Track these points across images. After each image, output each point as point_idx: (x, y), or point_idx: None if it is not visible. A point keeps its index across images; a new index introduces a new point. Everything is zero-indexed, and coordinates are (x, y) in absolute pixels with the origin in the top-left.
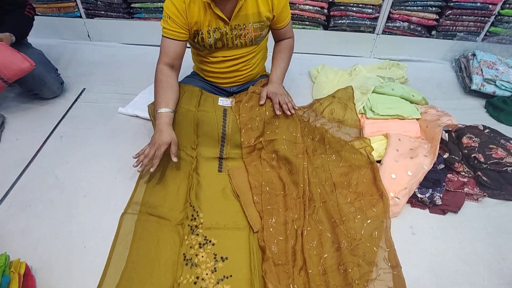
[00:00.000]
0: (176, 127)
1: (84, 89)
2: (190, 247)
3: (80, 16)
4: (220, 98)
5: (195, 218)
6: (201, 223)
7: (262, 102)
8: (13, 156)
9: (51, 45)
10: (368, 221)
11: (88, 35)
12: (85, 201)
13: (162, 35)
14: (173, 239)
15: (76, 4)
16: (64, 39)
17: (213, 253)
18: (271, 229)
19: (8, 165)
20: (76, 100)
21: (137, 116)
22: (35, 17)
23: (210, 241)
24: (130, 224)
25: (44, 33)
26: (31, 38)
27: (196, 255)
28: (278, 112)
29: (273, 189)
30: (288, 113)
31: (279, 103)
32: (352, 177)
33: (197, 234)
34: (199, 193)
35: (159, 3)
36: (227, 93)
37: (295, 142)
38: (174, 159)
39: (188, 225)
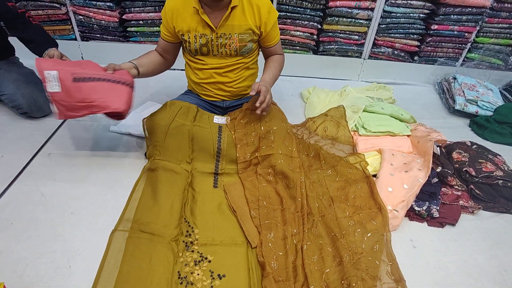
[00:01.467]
0: (171, 141)
1: None
2: (185, 264)
3: (75, 39)
4: (215, 116)
5: (190, 234)
6: (197, 239)
7: (252, 93)
8: None
9: None
10: (368, 235)
11: (82, 57)
12: (72, 218)
13: None
14: (167, 256)
15: (72, 27)
16: None
17: (210, 271)
18: (270, 244)
19: None
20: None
21: (129, 134)
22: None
23: (206, 258)
24: (121, 242)
25: None
26: (23, 59)
27: (192, 273)
28: (257, 105)
29: (271, 203)
30: (258, 112)
31: (260, 102)
32: (349, 191)
33: (192, 251)
34: (194, 209)
35: (155, 28)
36: (221, 109)
37: (291, 156)
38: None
39: (183, 241)
